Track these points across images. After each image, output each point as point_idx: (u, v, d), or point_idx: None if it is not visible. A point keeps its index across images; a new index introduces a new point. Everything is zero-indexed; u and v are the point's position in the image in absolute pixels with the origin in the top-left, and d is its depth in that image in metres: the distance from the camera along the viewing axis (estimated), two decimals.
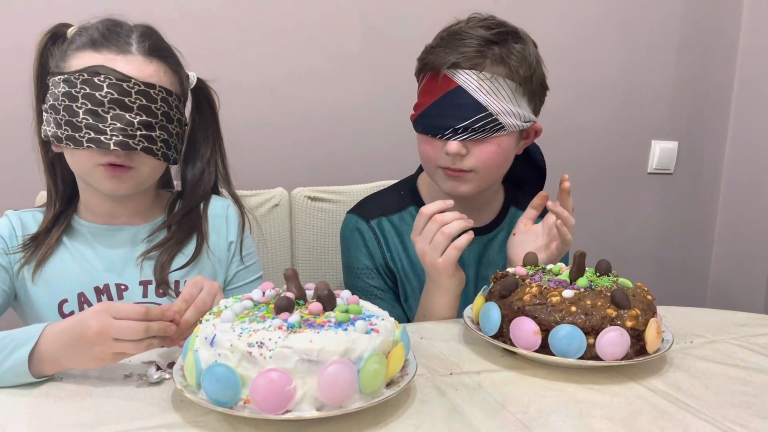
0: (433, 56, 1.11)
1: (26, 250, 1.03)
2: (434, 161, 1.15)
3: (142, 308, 0.78)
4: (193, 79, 1.10)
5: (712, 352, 0.98)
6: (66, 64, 0.98)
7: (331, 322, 0.73)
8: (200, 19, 1.58)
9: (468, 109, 1.08)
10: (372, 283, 1.23)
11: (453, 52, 1.08)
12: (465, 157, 1.11)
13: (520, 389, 0.83)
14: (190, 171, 1.15)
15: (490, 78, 1.08)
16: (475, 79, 1.08)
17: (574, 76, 2.01)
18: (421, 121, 1.14)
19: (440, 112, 1.10)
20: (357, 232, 1.24)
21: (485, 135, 1.10)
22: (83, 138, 0.94)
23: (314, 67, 1.70)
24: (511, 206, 1.31)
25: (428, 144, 1.14)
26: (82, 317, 0.78)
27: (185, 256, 1.08)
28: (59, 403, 0.76)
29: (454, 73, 1.09)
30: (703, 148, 2.24)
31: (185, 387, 0.73)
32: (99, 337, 0.76)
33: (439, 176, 1.17)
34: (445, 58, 1.08)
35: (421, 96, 1.16)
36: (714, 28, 2.15)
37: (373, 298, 1.21)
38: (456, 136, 1.09)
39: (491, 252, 1.27)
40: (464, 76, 1.08)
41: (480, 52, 1.08)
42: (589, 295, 0.88)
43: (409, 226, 1.21)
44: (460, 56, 1.08)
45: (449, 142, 1.10)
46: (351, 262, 1.25)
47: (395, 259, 1.23)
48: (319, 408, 0.69)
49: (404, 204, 1.26)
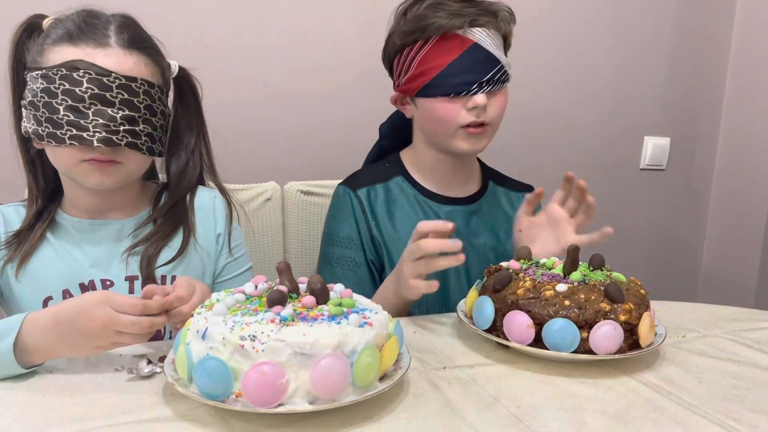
0: (439, 20, 1.14)
1: (9, 247, 1.01)
2: (455, 121, 1.17)
3: (140, 304, 0.78)
4: (175, 68, 1.08)
5: (705, 347, 0.98)
6: (43, 58, 0.95)
7: (324, 315, 0.72)
8: (194, 11, 1.57)
9: (487, 63, 1.15)
10: (348, 254, 1.25)
11: (461, 12, 1.14)
12: (486, 110, 1.17)
13: (514, 383, 0.83)
14: (174, 162, 1.13)
15: (494, 33, 1.16)
16: (486, 34, 1.15)
17: (567, 73, 2.01)
18: (438, 84, 1.16)
19: (461, 69, 1.14)
20: (344, 201, 1.27)
21: (499, 86, 1.18)
22: (65, 135, 0.92)
23: (308, 60, 1.69)
24: (490, 180, 1.36)
25: (450, 104, 1.16)
26: (82, 308, 0.78)
27: (172, 250, 1.06)
28: (49, 397, 0.75)
29: (470, 31, 1.14)
30: (696, 144, 2.24)
31: (177, 381, 0.72)
32: (103, 330, 0.77)
33: (459, 137, 1.19)
34: (459, 20, 1.13)
35: (426, 62, 1.16)
36: (706, 25, 2.15)
37: (344, 268, 1.23)
38: (481, 89, 1.15)
39: (477, 221, 1.30)
40: (478, 33, 1.15)
41: (486, 10, 1.16)
42: (583, 289, 0.88)
43: (395, 195, 1.28)
44: (473, 15, 1.14)
45: (476, 96, 1.15)
46: (332, 230, 1.28)
47: (380, 227, 1.25)
48: (312, 401, 0.68)
49: (391, 174, 1.30)
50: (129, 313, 0.77)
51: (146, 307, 0.79)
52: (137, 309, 0.78)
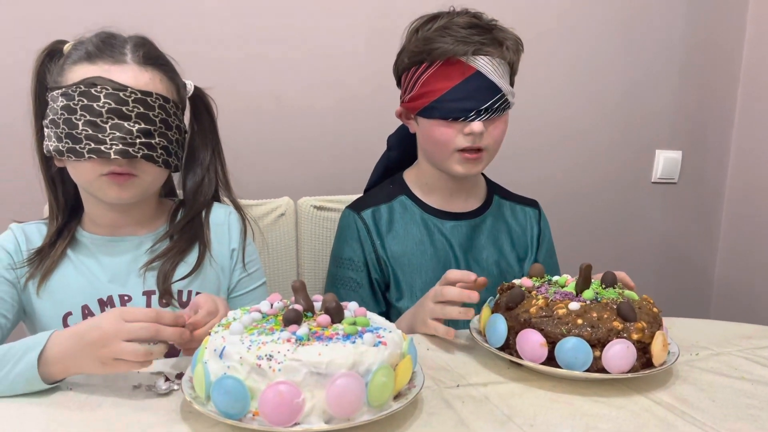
0: (446, 45, 1.16)
1: (31, 264, 1.04)
2: (452, 145, 1.20)
3: (152, 312, 0.80)
4: (191, 87, 1.11)
5: (718, 365, 0.98)
6: (63, 78, 0.99)
7: (339, 334, 0.73)
8: (207, 28, 1.59)
9: (487, 92, 1.17)
10: (350, 275, 1.28)
11: (468, 40, 1.16)
12: (482, 137, 1.19)
13: (527, 401, 0.83)
14: (190, 179, 1.16)
15: (498, 62, 1.18)
16: (490, 63, 1.17)
17: (578, 87, 2.01)
18: (438, 107, 1.18)
19: (461, 95, 1.16)
20: (349, 223, 1.30)
21: (499, 114, 1.19)
22: (84, 149, 0.95)
23: (320, 75, 1.71)
24: (495, 195, 1.38)
25: (447, 128, 1.19)
26: (95, 321, 0.80)
27: (188, 265, 1.09)
28: (69, 413, 0.77)
29: (473, 59, 1.16)
30: (708, 157, 2.24)
31: (194, 399, 0.73)
32: (109, 338, 0.77)
33: (454, 160, 1.22)
34: (463, 47, 1.15)
35: (429, 84, 1.19)
36: (718, 38, 2.15)
37: (347, 289, 1.27)
38: (479, 117, 1.17)
39: (480, 235, 1.32)
40: (482, 61, 1.16)
41: (493, 39, 1.18)
42: (595, 307, 0.89)
43: (399, 214, 1.30)
44: (478, 44, 1.16)
45: (473, 123, 1.17)
46: (337, 252, 1.32)
47: (386, 246, 1.27)
48: (328, 421, 0.69)
49: (394, 194, 1.33)
50: (139, 319, 0.78)
51: (159, 316, 0.80)
52: (150, 317, 0.79)
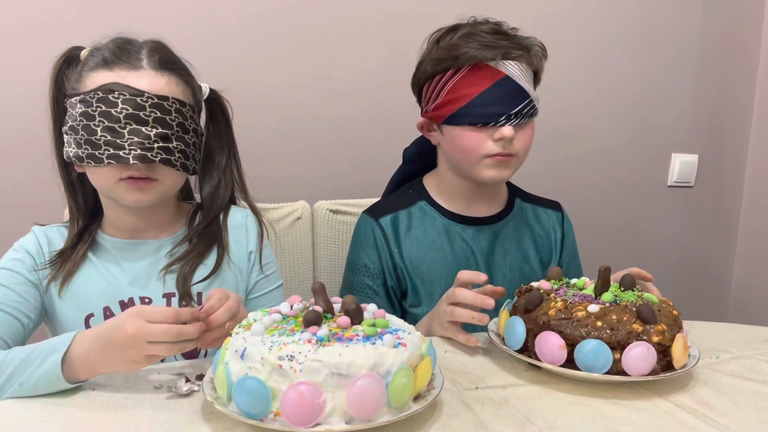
0: (473, 50, 1.16)
1: (53, 266, 1.05)
2: (481, 151, 1.18)
3: (172, 311, 0.81)
4: (206, 89, 1.12)
5: (739, 368, 0.97)
6: (81, 85, 1.00)
7: (359, 335, 0.74)
8: (224, 34, 1.60)
9: (516, 96, 1.16)
10: (366, 281, 1.28)
11: (495, 45, 1.16)
12: (512, 142, 1.18)
13: (546, 404, 0.83)
14: (207, 182, 1.17)
15: (525, 67, 1.18)
16: (518, 68, 1.17)
17: (594, 90, 2.01)
18: (466, 113, 1.17)
19: (490, 100, 1.16)
20: (366, 230, 1.30)
21: (527, 120, 1.19)
22: (103, 155, 0.96)
23: (337, 80, 1.72)
24: (516, 198, 1.37)
25: (476, 133, 1.18)
26: (117, 321, 0.81)
27: (207, 268, 1.10)
28: (91, 414, 0.78)
29: (502, 63, 1.16)
30: (724, 160, 2.22)
31: (216, 399, 0.74)
32: (134, 340, 0.78)
33: (483, 165, 1.20)
34: (491, 51, 1.15)
35: (456, 90, 1.18)
36: (734, 41, 2.14)
37: (363, 296, 1.27)
38: (509, 121, 1.16)
39: (503, 240, 1.30)
40: (510, 67, 1.16)
41: (520, 45, 1.18)
42: (615, 310, 0.88)
43: (419, 219, 1.29)
44: (506, 48, 1.16)
45: (503, 128, 1.16)
46: (353, 258, 1.31)
47: (404, 253, 1.26)
48: (348, 421, 0.69)
49: (414, 200, 1.31)
50: (161, 321, 0.79)
51: (178, 315, 0.81)
52: (170, 316, 0.80)
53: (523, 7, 1.85)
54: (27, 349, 0.84)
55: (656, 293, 1.06)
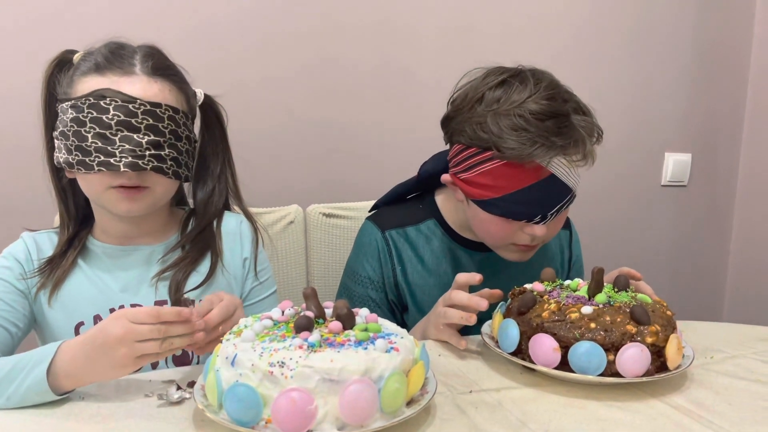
0: (522, 148, 1.00)
1: (42, 273, 1.04)
2: (508, 240, 1.12)
3: (154, 310, 0.79)
4: (200, 95, 1.10)
5: (734, 368, 0.97)
6: (72, 89, 0.98)
7: (351, 341, 0.73)
8: (216, 36, 1.60)
9: (558, 195, 1.06)
10: (369, 294, 1.24)
11: (549, 144, 1.01)
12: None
13: (541, 407, 0.82)
14: (201, 188, 1.15)
15: (576, 161, 1.07)
16: (567, 164, 1.05)
17: (586, 89, 1.99)
18: (501, 205, 1.06)
19: (529, 199, 1.05)
20: (371, 240, 1.24)
21: (563, 210, 1.10)
22: (93, 162, 0.95)
23: (330, 84, 1.71)
24: None
25: (505, 224, 1.09)
26: (101, 326, 0.79)
27: (200, 275, 1.08)
28: (82, 423, 0.76)
29: (551, 163, 1.03)
30: (717, 160, 2.22)
31: (206, 407, 0.73)
32: (122, 342, 0.77)
33: (507, 249, 1.15)
34: (543, 151, 1.01)
35: (493, 178, 1.05)
36: (726, 40, 2.15)
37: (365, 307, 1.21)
38: (544, 220, 1.08)
39: (510, 268, 1.23)
40: (559, 165, 1.04)
41: (576, 140, 1.04)
42: (608, 311, 0.88)
43: (426, 239, 1.23)
44: (560, 149, 1.02)
45: (537, 226, 1.08)
46: (356, 267, 1.26)
47: (407, 272, 1.23)
48: (341, 427, 0.69)
49: (423, 217, 1.25)
50: (145, 321, 0.78)
51: (161, 313, 0.79)
52: (153, 316, 0.78)
53: (517, 7, 1.85)
54: (11, 361, 0.82)
55: (649, 291, 1.04)
